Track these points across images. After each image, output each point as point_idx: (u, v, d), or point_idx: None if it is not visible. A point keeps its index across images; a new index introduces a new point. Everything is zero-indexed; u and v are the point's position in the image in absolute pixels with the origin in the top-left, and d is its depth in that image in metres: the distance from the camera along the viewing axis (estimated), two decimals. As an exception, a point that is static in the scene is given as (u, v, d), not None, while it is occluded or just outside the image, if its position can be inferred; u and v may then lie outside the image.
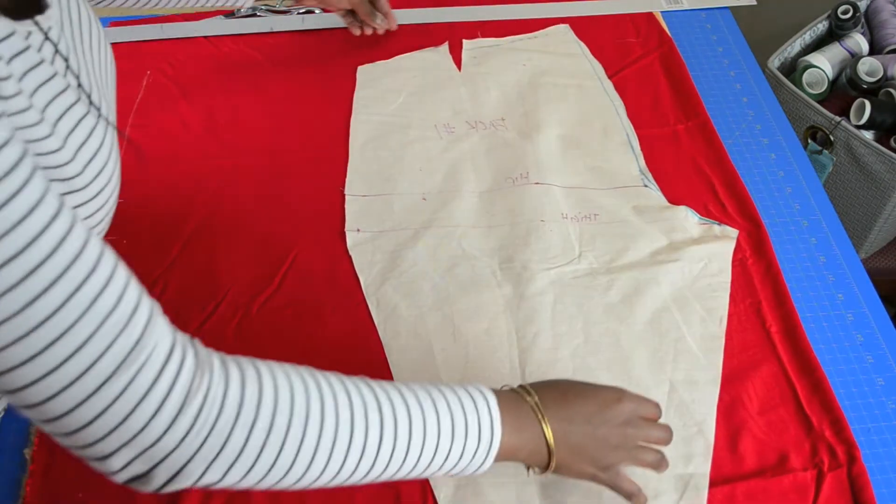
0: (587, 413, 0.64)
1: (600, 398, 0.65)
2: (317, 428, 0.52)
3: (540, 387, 0.65)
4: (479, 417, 0.59)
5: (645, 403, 0.68)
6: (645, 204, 0.96)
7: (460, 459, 0.58)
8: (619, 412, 0.65)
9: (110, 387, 0.45)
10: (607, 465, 0.65)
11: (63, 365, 0.44)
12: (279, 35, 1.18)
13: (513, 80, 1.12)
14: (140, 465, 0.49)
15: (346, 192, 0.97)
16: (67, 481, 0.74)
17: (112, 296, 0.45)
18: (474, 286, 0.88)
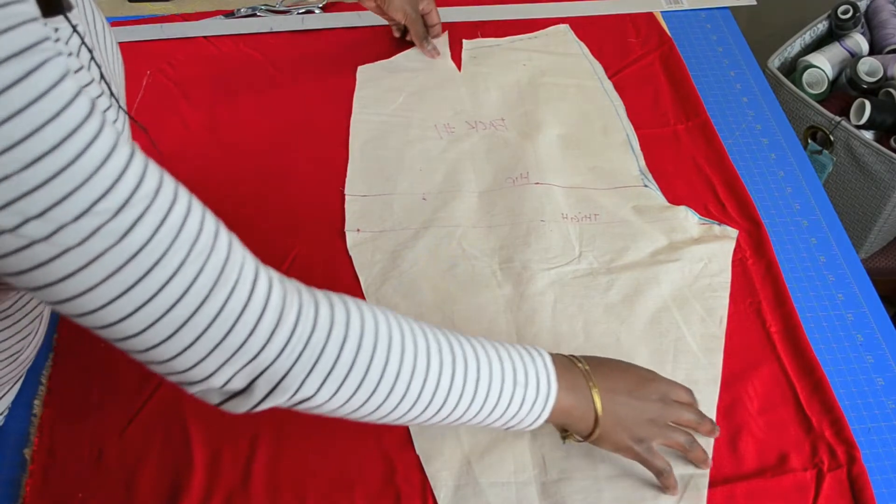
0: (629, 385, 0.68)
1: (639, 374, 0.70)
2: (398, 353, 0.55)
3: (587, 357, 0.68)
4: (538, 370, 0.62)
5: (676, 386, 0.72)
6: (645, 204, 0.97)
7: (521, 408, 0.61)
8: (654, 389, 0.69)
9: (207, 307, 0.48)
10: (642, 438, 0.68)
11: (160, 292, 0.46)
12: (279, 35, 1.18)
13: (513, 80, 1.12)
14: (240, 381, 0.51)
15: (346, 192, 0.97)
16: (67, 481, 0.74)
17: (195, 223, 0.48)
18: (474, 286, 0.88)
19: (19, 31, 0.40)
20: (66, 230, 0.42)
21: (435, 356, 0.57)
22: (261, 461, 0.75)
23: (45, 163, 0.41)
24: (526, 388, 0.61)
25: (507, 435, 0.77)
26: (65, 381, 0.80)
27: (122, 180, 0.44)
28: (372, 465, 0.76)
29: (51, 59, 0.41)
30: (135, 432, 0.77)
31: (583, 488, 0.73)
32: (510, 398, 0.60)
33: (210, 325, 0.48)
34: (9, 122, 0.39)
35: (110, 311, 0.46)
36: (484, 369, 0.59)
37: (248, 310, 0.49)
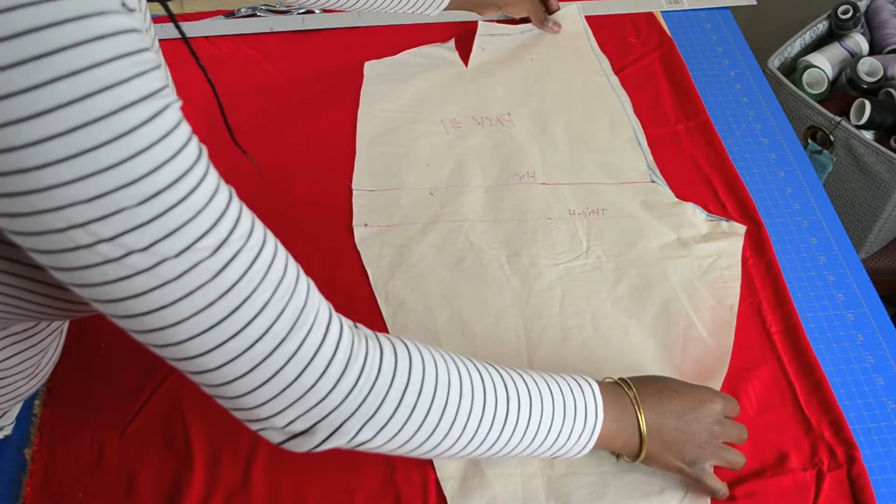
0: (681, 409, 0.68)
1: (694, 396, 0.69)
2: (456, 396, 0.57)
3: (638, 381, 0.69)
4: (586, 402, 0.63)
5: (731, 403, 0.72)
6: (653, 199, 0.97)
7: (568, 440, 0.63)
8: (710, 411, 0.69)
9: (284, 348, 0.49)
10: (693, 460, 0.69)
11: (244, 329, 0.48)
12: (279, 35, 1.18)
13: (519, 75, 1.12)
14: (303, 423, 0.52)
15: (353, 187, 0.98)
16: (67, 481, 0.74)
17: (280, 266, 0.50)
18: (482, 280, 0.89)
19: (151, 77, 0.42)
20: (167, 264, 0.44)
21: (490, 397, 0.59)
22: (261, 461, 0.75)
23: (161, 199, 0.43)
24: (574, 421, 0.63)
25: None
26: (65, 381, 0.80)
27: (222, 220, 0.46)
28: (372, 464, 0.76)
29: (172, 104, 0.44)
30: (135, 432, 0.77)
31: (588, 483, 0.74)
32: (558, 433, 0.62)
33: (285, 365, 0.50)
34: (134, 159, 0.42)
35: (195, 343, 0.47)
36: (535, 406, 0.61)
37: (321, 353, 0.51)
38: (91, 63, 0.40)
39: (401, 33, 1.18)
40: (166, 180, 0.43)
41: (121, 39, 0.41)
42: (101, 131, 0.40)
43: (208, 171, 0.47)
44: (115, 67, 0.40)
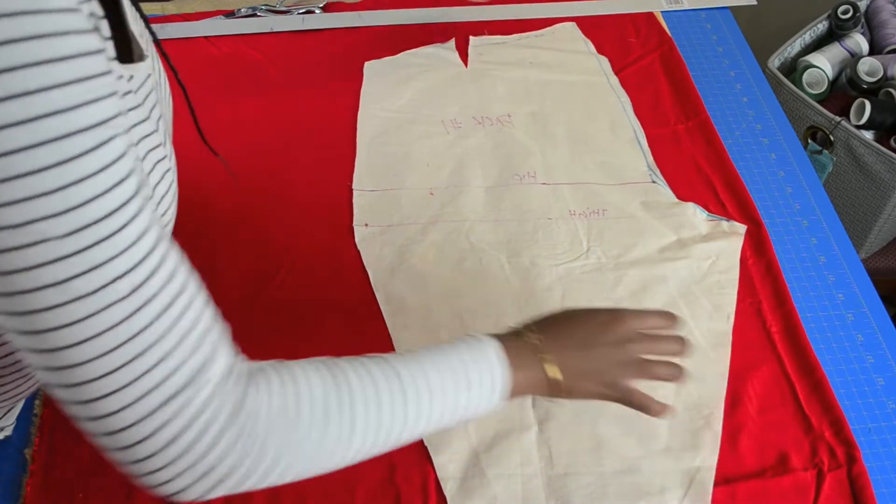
0: (584, 337, 0.67)
1: (595, 320, 0.68)
2: (347, 430, 0.55)
3: (544, 320, 0.69)
4: (490, 367, 0.62)
5: (648, 318, 0.70)
6: (653, 200, 0.97)
7: (476, 406, 0.62)
8: (616, 331, 0.68)
9: (174, 402, 0.47)
10: (612, 381, 0.68)
11: (139, 379, 0.46)
12: (279, 35, 1.18)
13: (519, 76, 1.12)
14: (187, 478, 0.50)
15: (353, 187, 0.98)
16: (67, 481, 0.74)
17: (190, 317, 0.48)
18: (483, 280, 0.89)
19: (105, 104, 0.42)
20: (80, 302, 0.43)
21: (387, 406, 0.57)
22: (261, 461, 0.75)
23: (88, 233, 0.42)
24: (481, 387, 0.62)
25: (514, 427, 0.77)
26: (65, 381, 0.80)
27: (144, 262, 0.45)
28: (372, 464, 0.75)
29: (119, 134, 0.43)
30: (135, 432, 0.77)
31: (588, 483, 0.74)
32: (465, 406, 0.61)
33: (170, 420, 0.47)
34: (71, 188, 0.40)
35: (89, 388, 0.45)
36: (437, 394, 0.59)
37: (208, 408, 0.49)
38: (49, 84, 0.39)
39: (401, 33, 1.18)
40: (98, 214, 0.42)
41: (82, 62, 0.40)
42: (46, 155, 0.39)
43: (142, 210, 0.44)
44: (72, 91, 0.40)
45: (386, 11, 1.21)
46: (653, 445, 0.77)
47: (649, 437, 0.77)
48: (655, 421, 0.78)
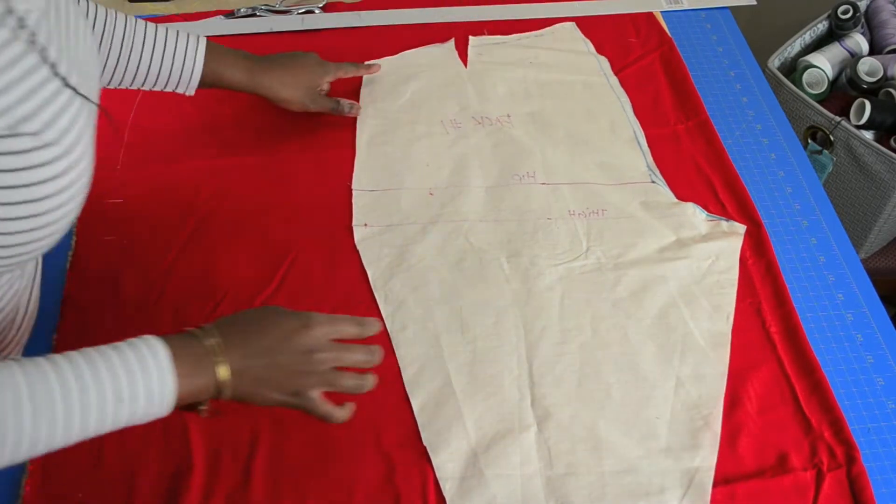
0: (267, 345, 0.66)
1: (283, 327, 0.67)
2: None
3: (224, 323, 0.67)
4: (151, 377, 0.60)
5: (340, 325, 0.69)
6: (653, 200, 0.97)
7: (138, 416, 0.60)
8: (302, 339, 0.67)
9: None
10: (296, 390, 0.67)
11: None
12: (279, 35, 1.18)
13: (519, 76, 1.12)
14: None
15: (353, 187, 0.98)
16: (67, 481, 0.74)
17: None
18: (482, 280, 0.89)
19: None
20: None
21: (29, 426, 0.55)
22: (260, 461, 0.75)
23: None
24: (138, 401, 0.60)
25: (514, 427, 0.78)
26: (64, 381, 0.80)
27: None
28: (371, 464, 0.76)
29: None
30: (135, 432, 0.77)
31: (588, 483, 0.74)
32: (127, 417, 0.60)
33: None
34: None
35: None
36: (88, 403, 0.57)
37: None
38: None
39: (401, 33, 1.18)
40: None
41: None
42: None
43: None
44: None
45: (385, 11, 1.21)
46: (652, 445, 0.77)
47: (649, 437, 0.77)
48: (655, 421, 0.78)
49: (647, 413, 0.79)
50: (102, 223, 0.93)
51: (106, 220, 0.94)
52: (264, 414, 0.78)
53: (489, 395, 0.80)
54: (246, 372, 0.65)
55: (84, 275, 0.89)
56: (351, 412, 0.71)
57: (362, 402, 0.79)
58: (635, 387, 0.81)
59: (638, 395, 0.80)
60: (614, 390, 0.81)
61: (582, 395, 0.80)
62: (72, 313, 0.85)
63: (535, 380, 0.81)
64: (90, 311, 0.86)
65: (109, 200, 0.95)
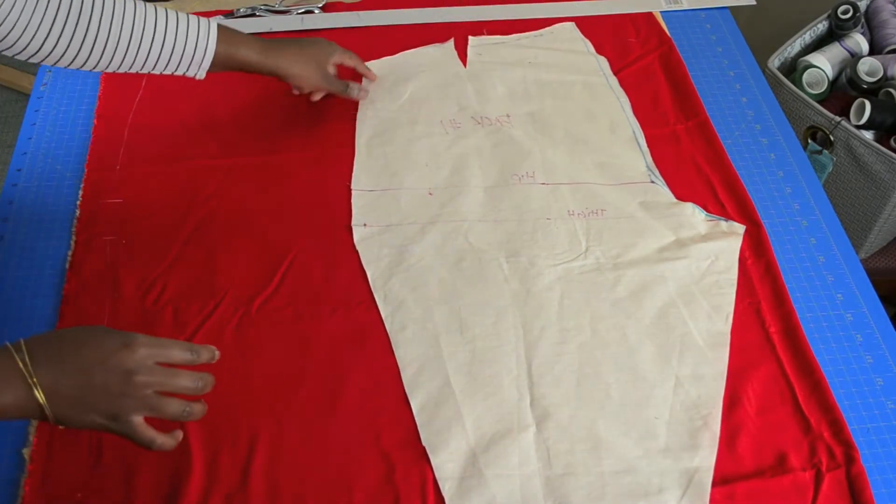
0: (83, 363, 0.63)
1: (103, 347, 0.64)
2: None
3: (35, 341, 0.64)
4: None
5: (168, 350, 0.66)
6: (652, 200, 0.97)
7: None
8: (122, 360, 0.64)
9: None
10: (115, 414, 0.64)
11: None
12: (279, 35, 1.18)
13: (518, 76, 1.12)
14: None
15: (352, 187, 0.98)
16: (66, 481, 0.74)
17: None
18: (481, 280, 0.89)
19: None
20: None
21: None
22: (260, 461, 0.75)
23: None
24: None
25: (513, 428, 0.78)
26: (64, 381, 0.80)
27: None
28: (371, 464, 0.76)
29: None
30: (134, 432, 0.77)
31: (587, 483, 0.74)
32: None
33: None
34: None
35: None
36: None
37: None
38: None
39: (401, 33, 1.18)
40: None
41: None
42: None
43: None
44: None
45: (385, 11, 1.21)
46: (651, 445, 0.77)
47: (647, 437, 0.77)
48: (654, 421, 0.78)
49: (646, 413, 0.79)
50: (102, 223, 0.93)
51: (106, 219, 0.94)
52: (264, 414, 0.78)
53: (488, 396, 0.80)
54: (58, 392, 0.62)
55: (84, 275, 0.89)
56: (177, 440, 0.67)
57: (362, 402, 0.80)
58: (634, 387, 0.81)
59: (637, 395, 0.80)
60: (613, 390, 0.81)
61: (581, 395, 0.80)
62: (72, 313, 0.85)
63: (534, 380, 0.81)
64: (90, 311, 0.86)
65: (109, 200, 0.96)
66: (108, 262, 0.90)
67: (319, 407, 0.79)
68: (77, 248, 0.91)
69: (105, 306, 0.86)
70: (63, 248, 0.91)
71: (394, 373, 0.82)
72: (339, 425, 0.78)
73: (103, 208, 0.95)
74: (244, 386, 0.80)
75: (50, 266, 0.89)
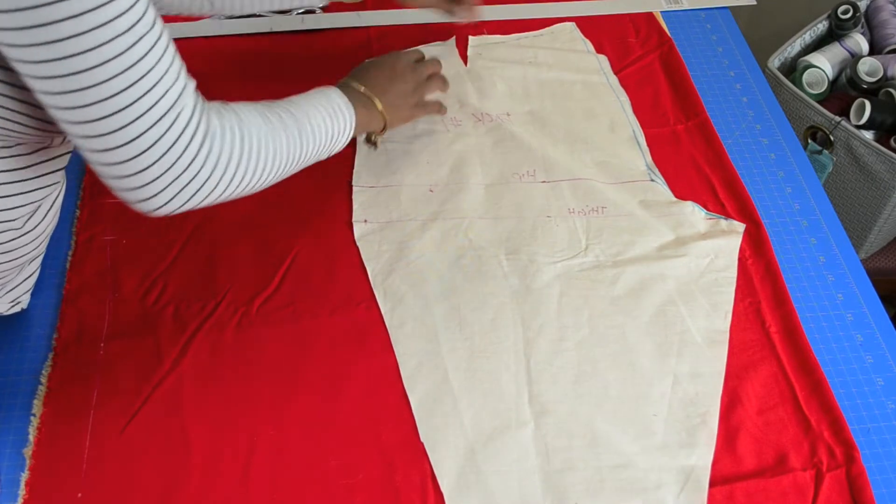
0: (387, 77, 0.93)
1: (388, 63, 0.94)
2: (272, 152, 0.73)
3: (356, 76, 0.91)
4: (341, 104, 0.83)
5: (412, 53, 0.98)
6: (652, 198, 0.97)
7: (337, 136, 0.82)
8: (403, 66, 0.95)
9: (160, 126, 0.62)
10: (416, 102, 0.96)
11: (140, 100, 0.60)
12: (279, 35, 1.18)
13: (518, 75, 1.12)
14: (171, 190, 0.65)
15: (353, 183, 0.98)
16: (67, 481, 0.74)
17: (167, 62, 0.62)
18: (481, 277, 0.89)
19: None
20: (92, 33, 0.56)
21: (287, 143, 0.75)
22: (259, 460, 0.75)
23: None
24: (338, 119, 0.81)
25: (511, 424, 0.78)
26: (65, 381, 0.80)
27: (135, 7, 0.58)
28: (372, 464, 0.76)
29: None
30: (134, 432, 0.77)
31: (585, 478, 0.74)
32: (332, 131, 0.81)
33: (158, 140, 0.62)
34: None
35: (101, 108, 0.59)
36: (315, 121, 0.79)
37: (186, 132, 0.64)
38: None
39: (401, 33, 1.18)
40: None
41: None
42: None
43: None
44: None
45: (386, 12, 1.21)
46: (649, 442, 0.77)
47: (645, 435, 0.77)
48: (652, 418, 0.78)
49: (645, 410, 0.79)
50: (102, 223, 0.93)
51: (106, 220, 0.94)
52: (264, 413, 0.78)
53: (487, 392, 0.80)
54: (387, 99, 0.91)
55: (84, 275, 0.89)
56: (445, 108, 1.02)
57: (362, 401, 0.80)
58: (632, 384, 0.81)
59: (635, 393, 0.80)
60: (612, 387, 0.81)
61: (579, 392, 0.80)
62: (72, 313, 0.85)
63: (533, 376, 0.81)
64: (90, 310, 0.86)
65: (109, 200, 0.95)
66: (108, 262, 0.90)
67: (319, 406, 0.79)
68: (77, 248, 0.91)
69: (105, 306, 0.86)
70: (63, 248, 0.91)
71: (394, 372, 0.82)
72: (339, 424, 0.78)
73: (103, 208, 0.95)
74: (244, 385, 0.80)
75: (50, 266, 0.89)
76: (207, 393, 0.80)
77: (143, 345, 0.82)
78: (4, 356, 0.82)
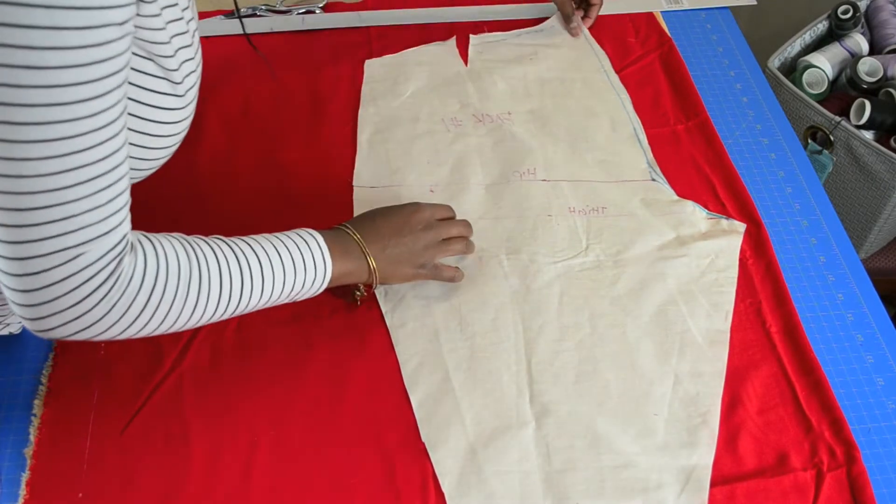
0: (395, 228, 0.82)
1: (402, 214, 0.83)
2: (196, 286, 0.67)
3: (355, 222, 0.82)
4: (313, 255, 0.75)
5: (439, 208, 0.87)
6: (653, 197, 0.97)
7: (304, 287, 0.75)
8: (419, 219, 0.83)
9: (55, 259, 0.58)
10: (423, 263, 0.83)
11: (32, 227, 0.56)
12: (279, 35, 1.18)
13: (519, 74, 1.12)
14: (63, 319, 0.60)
15: (354, 183, 0.98)
16: (67, 481, 0.74)
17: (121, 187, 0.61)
18: (481, 277, 0.89)
19: None
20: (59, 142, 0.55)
21: (226, 280, 0.69)
22: (260, 461, 0.75)
23: None
24: (305, 272, 0.74)
25: (512, 424, 0.78)
26: (65, 381, 0.80)
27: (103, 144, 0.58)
28: (372, 465, 0.76)
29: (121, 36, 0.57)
30: (134, 432, 0.77)
31: (586, 479, 0.74)
32: (293, 284, 0.73)
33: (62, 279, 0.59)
34: None
35: None
36: (267, 272, 0.72)
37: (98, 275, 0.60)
38: None
39: (401, 33, 1.18)
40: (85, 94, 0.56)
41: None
42: None
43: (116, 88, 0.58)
44: None
45: (386, 11, 1.21)
46: (650, 442, 0.77)
47: (646, 434, 0.77)
48: (652, 418, 0.78)
49: (645, 410, 0.79)
50: (102, 223, 0.93)
51: (106, 219, 0.93)
52: (264, 413, 0.78)
53: (487, 392, 0.80)
54: (385, 254, 0.80)
55: (84, 274, 0.88)
56: (463, 275, 0.86)
57: (363, 401, 0.80)
58: (633, 384, 0.81)
59: (636, 393, 0.80)
60: (612, 387, 0.81)
61: (580, 392, 0.80)
62: (72, 313, 0.85)
63: (534, 376, 0.81)
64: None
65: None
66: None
67: (319, 406, 0.79)
68: (77, 248, 0.91)
69: (105, 306, 0.86)
70: (63, 248, 0.91)
71: (394, 372, 0.82)
72: (339, 424, 0.78)
73: (104, 208, 0.94)
74: (244, 386, 0.80)
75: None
76: (208, 393, 0.79)
77: (144, 345, 0.82)
78: (5, 356, 0.82)
